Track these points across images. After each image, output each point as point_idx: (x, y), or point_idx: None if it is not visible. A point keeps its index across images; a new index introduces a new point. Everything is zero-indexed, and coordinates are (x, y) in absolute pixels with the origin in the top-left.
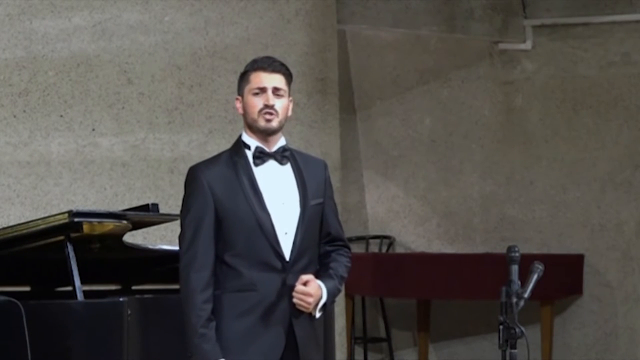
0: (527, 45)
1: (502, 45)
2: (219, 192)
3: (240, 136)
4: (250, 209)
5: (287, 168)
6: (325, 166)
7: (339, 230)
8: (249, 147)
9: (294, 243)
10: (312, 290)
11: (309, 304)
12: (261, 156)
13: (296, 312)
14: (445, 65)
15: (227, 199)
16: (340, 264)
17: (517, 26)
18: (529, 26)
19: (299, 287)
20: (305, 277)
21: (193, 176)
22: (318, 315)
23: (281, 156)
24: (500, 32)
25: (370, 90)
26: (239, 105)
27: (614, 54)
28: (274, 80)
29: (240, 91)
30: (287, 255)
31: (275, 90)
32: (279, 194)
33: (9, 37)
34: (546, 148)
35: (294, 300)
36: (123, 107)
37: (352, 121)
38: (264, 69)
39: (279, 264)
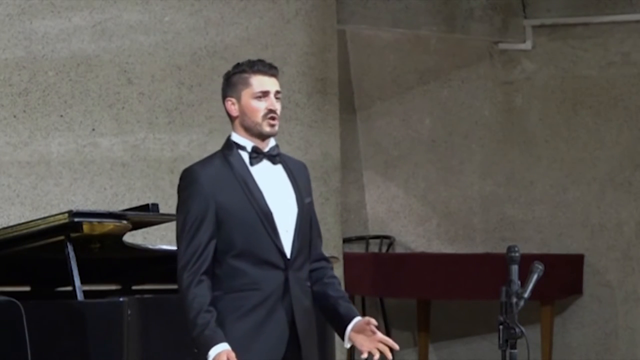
0: (527, 45)
1: (502, 45)
2: (219, 192)
3: (229, 137)
4: (252, 208)
5: (279, 168)
6: (306, 167)
7: (319, 230)
8: (242, 148)
9: (294, 241)
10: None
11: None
12: (257, 156)
13: (298, 308)
14: (445, 65)
15: (228, 199)
16: (340, 288)
17: (517, 26)
18: (529, 26)
19: (380, 336)
20: (373, 321)
21: (191, 178)
22: (349, 345)
23: (274, 156)
24: (500, 32)
25: (370, 90)
26: (232, 107)
27: (614, 54)
28: (274, 84)
29: (236, 93)
30: (288, 253)
31: (276, 94)
32: (277, 192)
33: (9, 37)
34: (546, 148)
35: (379, 346)
36: (123, 107)
37: (352, 121)
38: (264, 72)
39: (281, 262)
